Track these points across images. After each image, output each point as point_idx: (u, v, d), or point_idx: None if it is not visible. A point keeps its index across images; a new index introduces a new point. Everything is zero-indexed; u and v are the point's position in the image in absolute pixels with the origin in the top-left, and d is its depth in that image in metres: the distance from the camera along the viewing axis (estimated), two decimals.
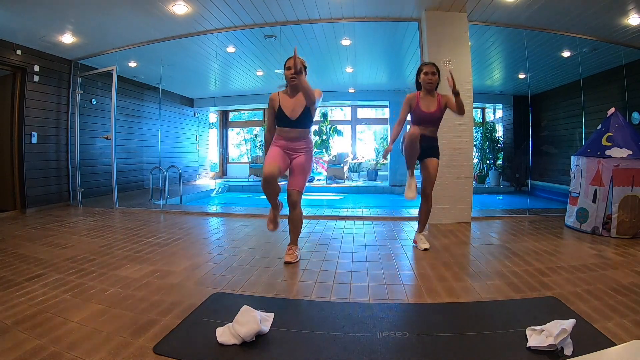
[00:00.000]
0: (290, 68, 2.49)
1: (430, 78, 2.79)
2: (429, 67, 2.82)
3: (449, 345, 1.44)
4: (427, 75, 2.80)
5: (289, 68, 2.50)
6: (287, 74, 2.53)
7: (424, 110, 2.81)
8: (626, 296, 1.89)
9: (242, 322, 1.46)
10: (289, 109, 2.55)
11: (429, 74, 2.80)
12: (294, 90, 2.58)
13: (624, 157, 3.15)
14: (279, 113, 2.56)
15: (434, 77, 2.80)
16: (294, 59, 2.31)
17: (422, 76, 2.83)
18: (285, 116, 2.54)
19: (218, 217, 4.39)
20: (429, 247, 2.85)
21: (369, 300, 1.92)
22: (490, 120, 9.60)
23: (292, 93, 2.59)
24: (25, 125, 4.56)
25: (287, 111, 2.54)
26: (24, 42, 4.39)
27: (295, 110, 2.55)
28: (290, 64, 2.47)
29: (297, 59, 2.31)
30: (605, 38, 4.41)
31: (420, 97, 2.84)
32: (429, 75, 2.79)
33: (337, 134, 10.40)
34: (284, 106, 2.55)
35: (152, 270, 2.37)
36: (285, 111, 2.54)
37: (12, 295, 1.93)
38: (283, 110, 2.55)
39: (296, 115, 2.54)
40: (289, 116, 2.54)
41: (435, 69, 2.83)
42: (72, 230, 3.58)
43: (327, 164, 9.70)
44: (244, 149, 11.28)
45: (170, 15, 3.87)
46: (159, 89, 7.18)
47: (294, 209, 2.54)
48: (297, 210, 2.55)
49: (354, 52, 5.58)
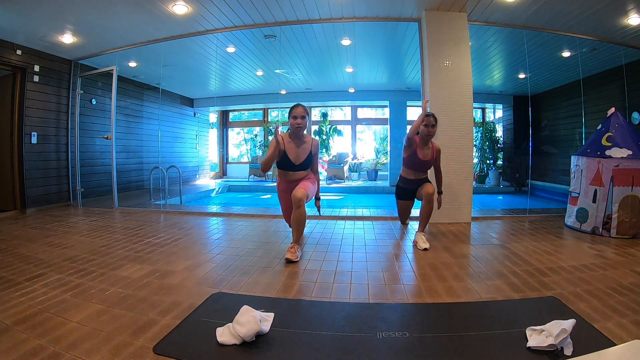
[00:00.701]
0: (296, 117, 2.71)
1: (429, 130, 3.11)
2: (430, 120, 3.10)
3: (449, 345, 1.44)
4: (427, 127, 3.09)
5: (295, 117, 2.71)
6: (293, 123, 2.72)
7: (421, 158, 3.18)
8: (626, 296, 1.89)
9: (242, 322, 1.46)
10: (293, 156, 2.78)
11: (429, 126, 3.10)
12: (297, 138, 2.80)
13: (624, 157, 3.15)
14: (283, 158, 2.77)
15: (433, 129, 3.11)
16: None
17: (422, 128, 3.10)
18: (289, 161, 2.78)
19: (218, 217, 4.39)
20: (428, 247, 2.86)
21: (369, 300, 1.92)
22: (490, 120, 9.60)
23: (295, 141, 2.80)
24: (25, 125, 4.56)
25: (291, 157, 2.77)
26: (24, 42, 4.39)
27: (299, 157, 2.79)
28: (297, 113, 2.71)
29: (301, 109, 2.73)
30: (605, 38, 4.41)
31: (419, 145, 3.19)
32: (429, 127, 3.10)
33: (337, 134, 10.40)
34: (289, 152, 2.77)
35: (152, 270, 2.37)
36: (289, 157, 2.77)
37: (12, 295, 1.93)
38: (288, 156, 2.76)
39: (300, 161, 2.79)
40: (293, 161, 2.78)
41: (435, 121, 3.13)
42: (72, 230, 3.58)
43: (327, 164, 9.69)
44: (244, 149, 11.28)
45: (170, 15, 3.87)
46: (159, 89, 7.18)
47: (298, 207, 2.60)
48: (300, 209, 2.61)
49: (354, 52, 5.58)
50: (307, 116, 2.76)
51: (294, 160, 2.78)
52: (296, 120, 2.70)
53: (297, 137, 2.79)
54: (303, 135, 2.82)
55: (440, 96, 3.88)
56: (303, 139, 2.82)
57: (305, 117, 2.73)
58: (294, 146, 2.79)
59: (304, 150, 2.80)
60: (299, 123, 2.70)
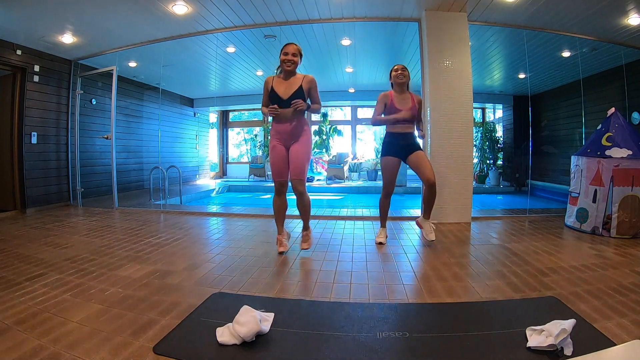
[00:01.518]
0: (287, 54, 2.60)
1: (400, 73, 2.96)
2: (398, 66, 3.02)
3: (449, 345, 1.44)
4: (397, 72, 2.97)
5: (286, 54, 2.60)
6: (284, 59, 2.62)
7: (399, 107, 2.92)
8: (626, 296, 1.89)
9: (242, 322, 1.46)
10: (282, 90, 2.64)
11: (398, 70, 2.97)
12: (289, 75, 2.67)
13: (624, 157, 3.15)
14: (271, 94, 2.64)
15: (404, 72, 2.98)
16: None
17: (392, 74, 3.00)
18: (277, 96, 2.62)
19: (218, 217, 4.39)
20: (434, 239, 2.91)
21: (369, 300, 1.92)
22: (490, 120, 9.60)
23: (286, 77, 2.68)
24: (25, 125, 4.56)
25: (279, 92, 2.63)
26: (24, 42, 4.39)
27: (286, 91, 2.63)
28: (288, 50, 2.60)
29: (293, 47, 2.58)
30: (605, 38, 4.41)
31: (394, 96, 2.98)
32: (398, 71, 2.97)
33: (337, 134, 10.40)
34: (276, 88, 2.64)
35: (152, 270, 2.37)
36: (277, 92, 2.63)
37: (12, 295, 1.93)
38: (275, 91, 2.63)
39: (288, 94, 2.62)
40: (281, 95, 2.62)
41: (404, 67, 3.01)
42: (72, 230, 3.58)
43: (327, 164, 9.69)
44: (244, 149, 11.28)
45: (170, 15, 3.87)
46: (159, 89, 7.18)
47: (302, 196, 2.62)
48: (304, 197, 2.64)
49: (354, 52, 5.58)
50: (299, 56, 2.65)
51: (282, 95, 2.61)
52: (287, 56, 2.59)
53: (288, 75, 2.65)
54: (295, 73, 2.68)
55: (440, 96, 3.88)
56: (295, 76, 2.67)
57: (297, 56, 2.62)
58: (282, 81, 2.66)
59: (292, 84, 2.63)
60: (290, 59, 2.59)
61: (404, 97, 2.97)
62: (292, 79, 2.66)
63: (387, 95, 2.98)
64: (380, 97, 2.98)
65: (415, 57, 5.32)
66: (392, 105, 2.93)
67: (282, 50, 2.64)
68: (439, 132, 3.88)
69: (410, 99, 2.97)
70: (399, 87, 2.98)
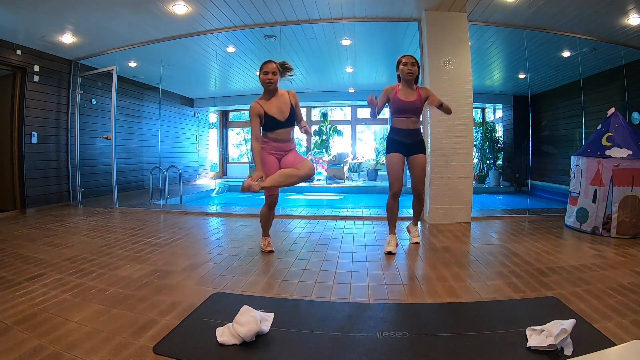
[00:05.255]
0: (267, 73, 2.56)
1: (409, 68, 2.80)
2: (408, 58, 2.84)
3: (449, 345, 1.44)
4: (406, 66, 2.80)
5: (266, 73, 2.56)
6: (264, 79, 2.58)
7: (403, 99, 2.81)
8: (626, 296, 1.89)
9: (242, 322, 1.46)
10: (276, 111, 2.59)
11: (408, 64, 2.81)
12: (271, 94, 2.62)
13: (624, 157, 3.15)
14: (267, 119, 2.59)
15: (413, 68, 2.81)
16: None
17: (401, 67, 2.84)
18: (275, 119, 2.59)
19: (218, 217, 4.39)
20: (419, 241, 3.03)
21: (369, 300, 1.92)
22: (490, 120, 9.60)
23: (270, 96, 2.63)
24: (25, 125, 4.56)
25: (274, 114, 2.58)
26: (24, 42, 4.39)
27: (283, 111, 2.61)
28: (268, 69, 2.56)
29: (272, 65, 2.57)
30: (605, 38, 4.41)
31: (399, 89, 2.86)
32: (408, 66, 2.80)
33: (337, 134, 10.40)
34: (270, 111, 2.58)
35: (152, 270, 2.37)
36: (274, 115, 2.58)
37: (12, 295, 1.93)
38: (271, 115, 2.58)
39: (285, 116, 2.61)
40: (279, 118, 2.59)
41: (415, 60, 2.85)
42: (72, 230, 3.58)
43: (327, 164, 9.69)
44: (244, 149, 11.28)
45: (170, 15, 3.87)
46: (159, 89, 7.18)
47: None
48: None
49: (354, 52, 5.58)
50: (278, 73, 2.59)
51: (278, 116, 2.58)
52: (267, 75, 2.55)
53: (271, 94, 2.61)
54: (277, 90, 2.64)
55: (440, 96, 3.84)
56: (278, 93, 2.64)
57: (277, 74, 2.58)
58: (270, 103, 2.60)
59: (285, 103, 2.61)
60: (270, 78, 2.55)
61: (410, 90, 2.85)
62: (278, 96, 2.63)
63: (392, 89, 2.88)
64: (385, 89, 2.90)
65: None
66: (395, 97, 2.83)
67: (261, 69, 2.60)
68: (439, 132, 3.88)
69: (416, 92, 2.86)
70: (407, 82, 2.85)
